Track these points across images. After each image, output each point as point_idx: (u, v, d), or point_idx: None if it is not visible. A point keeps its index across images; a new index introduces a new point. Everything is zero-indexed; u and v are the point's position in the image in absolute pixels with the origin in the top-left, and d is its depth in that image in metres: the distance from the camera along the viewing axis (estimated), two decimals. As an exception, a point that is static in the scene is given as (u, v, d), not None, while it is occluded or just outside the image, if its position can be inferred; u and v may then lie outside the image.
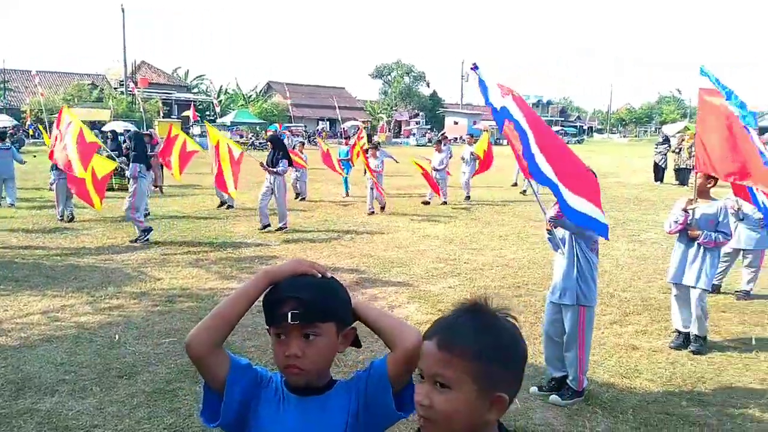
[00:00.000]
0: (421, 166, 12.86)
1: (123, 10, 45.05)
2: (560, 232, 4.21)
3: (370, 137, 18.20)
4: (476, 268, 7.83)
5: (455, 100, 74.41)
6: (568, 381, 4.19)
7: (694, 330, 5.08)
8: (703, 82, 4.94)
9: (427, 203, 13.69)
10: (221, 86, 61.25)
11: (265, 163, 10.27)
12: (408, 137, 55.40)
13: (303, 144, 16.52)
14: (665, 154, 19.21)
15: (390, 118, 64.54)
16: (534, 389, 4.30)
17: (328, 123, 57.21)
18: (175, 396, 4.09)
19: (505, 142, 14.60)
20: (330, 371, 1.47)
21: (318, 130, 48.32)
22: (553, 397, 4.16)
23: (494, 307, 1.20)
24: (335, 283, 1.45)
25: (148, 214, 10.72)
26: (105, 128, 26.32)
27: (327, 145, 12.74)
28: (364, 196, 13.05)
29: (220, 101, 53.02)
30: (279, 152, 10.30)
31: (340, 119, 45.12)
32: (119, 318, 5.67)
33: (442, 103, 74.91)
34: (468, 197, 14.63)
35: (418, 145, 46.87)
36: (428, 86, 76.35)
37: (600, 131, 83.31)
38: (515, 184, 17.52)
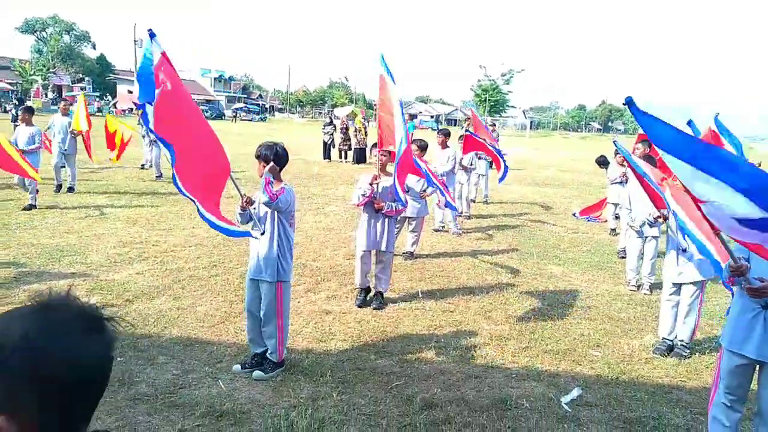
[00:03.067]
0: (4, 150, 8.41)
1: None
2: (262, 210, 4.18)
3: (21, 102, 15.12)
4: (167, 250, 7.27)
5: (129, 66, 67.71)
6: (267, 354, 4.23)
7: (379, 287, 5.74)
8: (381, 69, 5.50)
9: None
10: None
11: None
12: (72, 104, 48.12)
13: None
14: (332, 134, 21.56)
15: (47, 82, 54.90)
16: (237, 367, 4.24)
17: (-44, 82, 45.50)
18: None
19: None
20: None
21: None
22: (257, 373, 4.16)
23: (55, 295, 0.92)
24: None
25: None
26: None
27: None
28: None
29: None
30: None
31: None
32: None
33: (113, 69, 67.48)
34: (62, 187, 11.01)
35: (90, 114, 41.08)
36: (94, 48, 67.85)
37: (281, 110, 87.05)
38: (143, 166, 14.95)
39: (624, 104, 2.51)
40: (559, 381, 4.35)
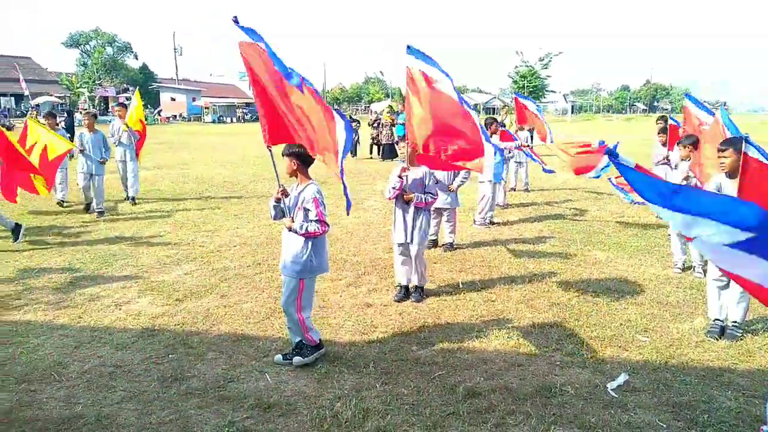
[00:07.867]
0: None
1: None
2: (291, 200, 4.31)
3: (70, 113, 15.81)
4: (213, 251, 7.50)
5: (170, 74, 69.66)
6: (302, 342, 4.35)
7: (414, 281, 5.76)
8: (410, 60, 5.46)
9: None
10: None
11: None
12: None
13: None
14: (357, 131, 21.63)
15: (93, 94, 57.08)
16: (278, 357, 4.38)
17: (12, 99, 47.91)
18: None
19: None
20: None
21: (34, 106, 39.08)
22: (296, 359, 4.29)
23: None
24: None
25: None
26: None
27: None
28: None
29: None
30: None
31: (28, 94, 38.06)
32: None
33: (156, 78, 69.57)
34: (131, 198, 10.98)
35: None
36: (136, 58, 70.13)
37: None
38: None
39: (605, 154, 2.78)
40: (605, 367, 4.27)
